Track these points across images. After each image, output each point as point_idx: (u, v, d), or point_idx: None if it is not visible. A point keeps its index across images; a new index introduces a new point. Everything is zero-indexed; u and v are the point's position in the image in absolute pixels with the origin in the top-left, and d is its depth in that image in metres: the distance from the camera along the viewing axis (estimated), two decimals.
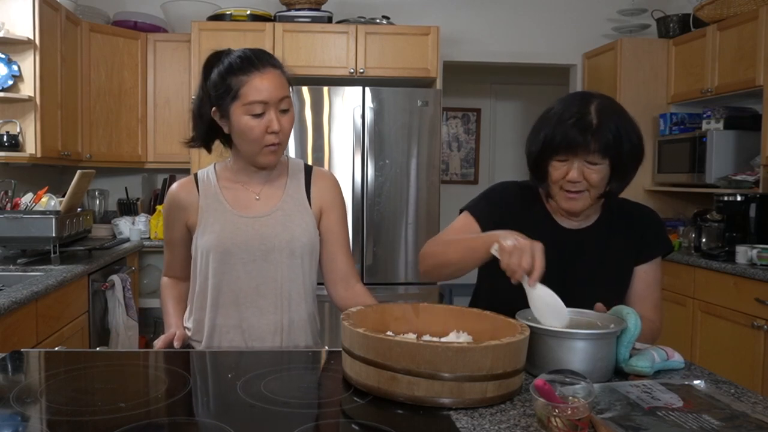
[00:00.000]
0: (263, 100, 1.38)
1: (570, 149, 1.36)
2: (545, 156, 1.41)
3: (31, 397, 1.08)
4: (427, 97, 3.63)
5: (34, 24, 3.09)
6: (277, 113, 1.40)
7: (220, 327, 1.48)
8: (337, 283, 1.58)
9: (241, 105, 1.38)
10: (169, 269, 1.64)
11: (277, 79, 1.40)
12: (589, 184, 1.39)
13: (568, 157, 1.37)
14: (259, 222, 1.47)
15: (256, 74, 1.38)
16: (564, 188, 1.41)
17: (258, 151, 1.42)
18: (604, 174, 1.38)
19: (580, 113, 1.36)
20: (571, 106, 1.39)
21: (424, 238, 3.64)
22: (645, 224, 1.53)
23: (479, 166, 5.85)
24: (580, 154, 1.36)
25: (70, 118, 3.54)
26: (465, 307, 1.33)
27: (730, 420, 0.99)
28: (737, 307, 3.00)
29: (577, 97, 1.43)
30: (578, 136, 1.34)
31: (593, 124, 1.35)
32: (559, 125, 1.37)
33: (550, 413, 0.92)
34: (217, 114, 1.43)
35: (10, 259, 2.85)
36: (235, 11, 3.81)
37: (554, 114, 1.40)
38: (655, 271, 1.53)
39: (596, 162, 1.36)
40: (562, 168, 1.39)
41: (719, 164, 3.50)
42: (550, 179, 1.42)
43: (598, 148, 1.34)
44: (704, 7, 3.62)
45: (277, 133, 1.40)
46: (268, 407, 1.03)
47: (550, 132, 1.39)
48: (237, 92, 1.38)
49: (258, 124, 1.39)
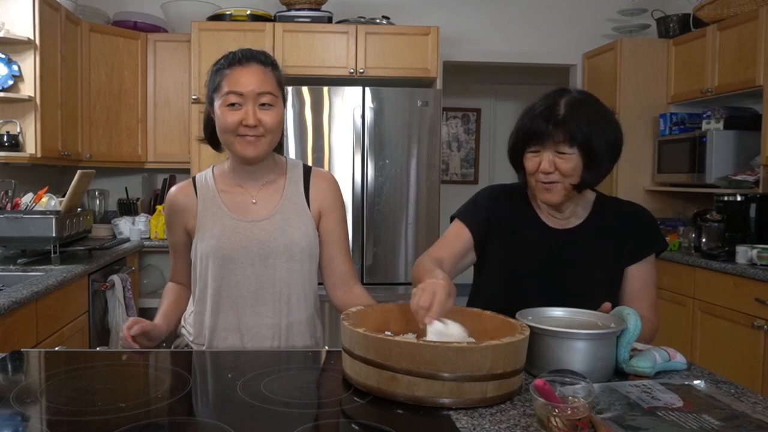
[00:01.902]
0: (238, 91, 1.39)
1: (537, 139, 1.41)
2: (519, 148, 1.46)
3: (31, 397, 1.08)
4: (427, 97, 3.63)
5: (34, 24, 3.09)
6: (255, 107, 1.40)
7: (220, 331, 1.48)
8: (336, 286, 1.58)
9: (220, 96, 1.42)
10: (174, 275, 1.64)
11: (259, 75, 1.41)
12: (561, 174, 1.41)
13: (538, 148, 1.42)
14: (258, 226, 1.47)
15: (238, 68, 1.41)
16: (539, 180, 1.44)
17: (233, 140, 1.43)
18: (575, 164, 1.40)
19: (548, 105, 1.41)
20: (543, 100, 1.44)
21: (424, 238, 3.65)
22: (637, 222, 1.53)
23: (479, 166, 5.85)
24: (548, 144, 1.40)
25: (70, 118, 3.54)
26: (465, 307, 1.33)
27: (730, 420, 0.99)
28: (737, 307, 3.00)
29: (552, 92, 1.46)
30: (543, 125, 1.39)
31: (560, 114, 1.38)
32: (527, 116, 1.43)
33: (550, 413, 0.92)
34: (210, 109, 1.47)
35: (10, 259, 2.85)
36: (235, 11, 3.81)
37: (528, 108, 1.46)
38: (650, 270, 1.52)
39: (565, 152, 1.39)
40: (534, 159, 1.43)
41: (719, 164, 3.50)
42: (526, 172, 1.46)
43: (564, 137, 1.37)
44: (704, 7, 3.62)
45: (252, 126, 1.40)
46: (268, 407, 1.03)
47: (522, 124, 1.44)
48: (218, 84, 1.42)
49: (232, 114, 1.40)
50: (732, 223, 3.27)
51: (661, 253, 1.56)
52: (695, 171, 3.61)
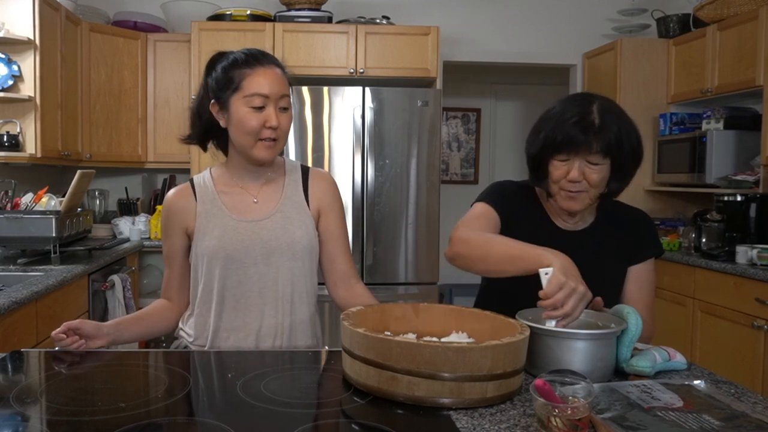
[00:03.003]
0: (264, 93, 1.39)
1: (572, 148, 1.36)
2: (546, 155, 1.41)
3: (31, 397, 1.08)
4: (427, 97, 3.63)
5: (34, 24, 3.09)
6: (276, 110, 1.41)
7: (222, 331, 1.48)
8: (337, 284, 1.58)
9: (242, 97, 1.40)
10: (166, 288, 1.58)
11: (279, 77, 1.43)
12: (589, 184, 1.39)
13: (569, 156, 1.38)
14: (259, 225, 1.47)
15: (260, 68, 1.41)
16: (564, 188, 1.41)
17: (253, 144, 1.42)
18: (604, 174, 1.39)
19: (582, 113, 1.36)
20: (572, 106, 1.39)
21: (424, 238, 3.65)
22: (637, 227, 1.55)
23: (479, 166, 5.85)
24: (582, 154, 1.36)
25: (70, 118, 3.54)
26: (465, 307, 1.33)
27: (730, 420, 0.99)
28: (737, 307, 3.00)
29: (578, 98, 1.43)
30: (580, 135, 1.34)
31: (595, 123, 1.35)
32: (560, 125, 1.37)
33: (550, 413, 0.92)
34: (216, 107, 1.44)
35: (10, 259, 2.85)
36: (235, 11, 3.81)
37: (555, 114, 1.41)
38: (648, 273, 1.55)
39: (597, 162, 1.37)
40: (562, 167, 1.39)
41: (719, 164, 3.50)
42: (550, 178, 1.43)
43: (600, 148, 1.35)
44: (704, 7, 3.62)
45: (274, 128, 1.41)
46: (268, 407, 1.03)
47: (551, 131, 1.39)
48: (239, 84, 1.40)
49: (256, 116, 1.40)
50: (732, 223, 3.27)
51: (657, 257, 1.58)
52: (695, 171, 3.61)
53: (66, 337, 1.33)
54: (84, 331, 1.36)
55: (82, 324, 1.37)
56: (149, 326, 1.53)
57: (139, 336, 1.52)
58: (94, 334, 1.38)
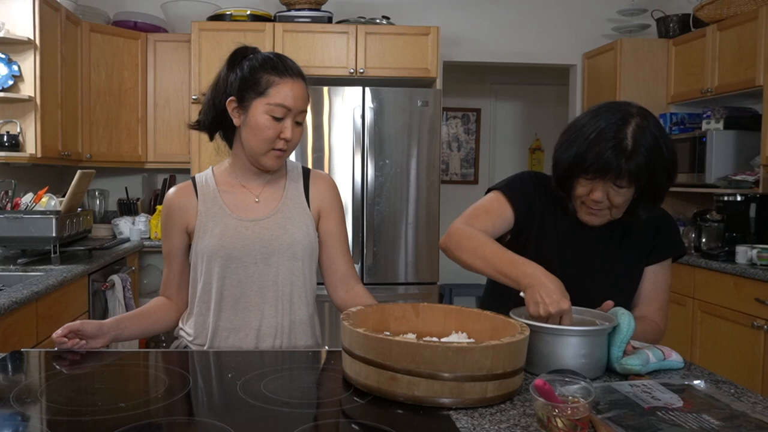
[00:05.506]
0: (288, 106, 1.41)
1: (600, 173, 1.33)
2: (573, 173, 1.38)
3: (31, 397, 1.08)
4: (427, 97, 3.63)
5: (34, 24, 3.09)
6: (293, 123, 1.42)
7: (221, 330, 1.48)
8: (337, 285, 1.58)
9: (265, 103, 1.40)
10: (166, 287, 1.58)
11: (304, 92, 1.45)
12: (611, 204, 1.38)
13: (596, 178, 1.35)
14: (259, 225, 1.48)
15: (289, 79, 1.42)
16: (586, 203, 1.41)
17: (265, 152, 1.43)
18: (628, 197, 1.37)
19: (617, 138, 1.32)
20: (609, 128, 1.33)
21: (424, 238, 3.65)
22: (658, 225, 1.53)
23: (479, 166, 5.84)
24: (609, 179, 1.34)
25: (70, 118, 3.54)
26: (465, 306, 1.33)
27: (730, 420, 0.99)
28: (737, 307, 3.00)
29: (617, 118, 1.35)
30: (612, 161, 1.31)
31: (628, 149, 1.31)
32: (593, 146, 1.33)
33: (550, 413, 0.93)
34: (234, 104, 1.43)
35: (10, 259, 2.85)
36: (235, 11, 3.81)
37: (591, 131, 1.35)
38: (665, 274, 1.53)
39: (622, 186, 1.35)
40: (587, 186, 1.38)
41: (719, 164, 3.50)
42: (574, 192, 1.41)
43: (629, 174, 1.32)
44: (704, 7, 3.62)
45: (288, 141, 1.42)
46: (268, 407, 1.03)
47: (583, 150, 1.35)
48: (265, 90, 1.40)
49: (275, 126, 1.40)
50: (732, 223, 3.27)
51: (678, 258, 1.56)
52: (695, 171, 3.61)
53: (67, 340, 1.33)
54: (85, 332, 1.36)
55: (83, 325, 1.36)
56: (150, 324, 1.53)
57: (139, 334, 1.52)
58: (96, 334, 1.38)
